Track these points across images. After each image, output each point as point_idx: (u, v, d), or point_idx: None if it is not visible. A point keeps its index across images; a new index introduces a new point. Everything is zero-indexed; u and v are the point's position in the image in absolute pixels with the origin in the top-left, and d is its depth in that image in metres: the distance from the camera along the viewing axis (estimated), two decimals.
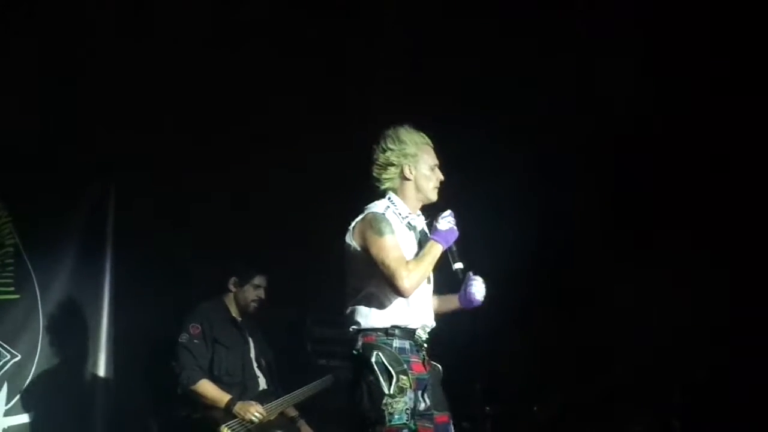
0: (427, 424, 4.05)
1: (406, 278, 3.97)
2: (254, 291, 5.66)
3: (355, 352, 4.10)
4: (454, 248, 4.18)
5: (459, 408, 4.43)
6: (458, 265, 4.19)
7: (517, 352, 6.36)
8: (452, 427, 4.18)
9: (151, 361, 5.78)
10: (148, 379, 5.81)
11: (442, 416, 4.14)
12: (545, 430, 6.22)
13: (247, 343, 5.63)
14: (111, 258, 5.90)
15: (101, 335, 5.83)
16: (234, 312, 5.66)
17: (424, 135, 4.24)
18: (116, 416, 5.76)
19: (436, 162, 4.23)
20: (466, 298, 4.24)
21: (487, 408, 5.97)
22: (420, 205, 4.25)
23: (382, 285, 4.06)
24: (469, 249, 4.28)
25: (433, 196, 4.23)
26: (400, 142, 4.18)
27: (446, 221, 4.16)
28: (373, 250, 4.02)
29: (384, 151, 4.19)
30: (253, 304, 5.67)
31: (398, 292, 4.00)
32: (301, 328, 6.42)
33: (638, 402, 6.18)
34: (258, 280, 5.66)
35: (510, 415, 6.11)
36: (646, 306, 6.12)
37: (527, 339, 6.32)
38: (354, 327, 4.12)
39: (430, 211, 4.28)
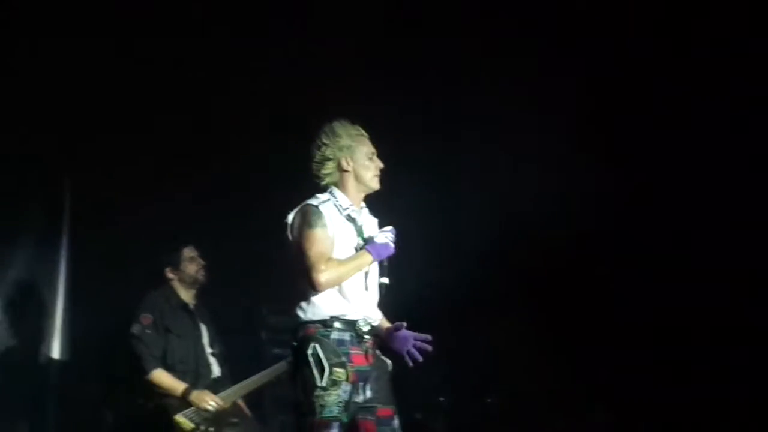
0: (368, 417, 4.10)
1: (322, 273, 3.99)
2: (191, 264, 5.57)
3: (294, 344, 4.14)
4: (385, 263, 4.20)
5: (412, 399, 4.45)
6: (384, 280, 4.20)
7: (472, 343, 6.40)
8: (397, 422, 4.16)
9: (106, 350, 5.76)
10: (103, 368, 5.80)
11: (386, 410, 4.15)
12: (497, 422, 6.28)
13: (199, 330, 5.59)
14: (67, 246, 5.90)
15: (56, 323, 5.82)
16: (185, 297, 5.60)
17: (359, 127, 4.27)
18: (70, 404, 5.75)
19: (374, 150, 4.26)
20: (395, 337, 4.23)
21: (441, 399, 6.02)
22: (362, 195, 4.27)
23: None
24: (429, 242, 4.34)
25: (375, 185, 4.25)
26: (335, 135, 4.22)
27: (384, 236, 4.17)
28: (300, 240, 4.08)
29: (320, 147, 4.23)
30: (200, 274, 5.58)
31: (312, 285, 4.02)
32: (256, 316, 6.43)
33: (595, 396, 6.26)
34: (187, 252, 5.58)
35: (463, 406, 6.17)
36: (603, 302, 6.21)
37: (482, 331, 6.37)
38: (296, 320, 4.15)
39: (376, 205, 4.31)
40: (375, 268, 4.21)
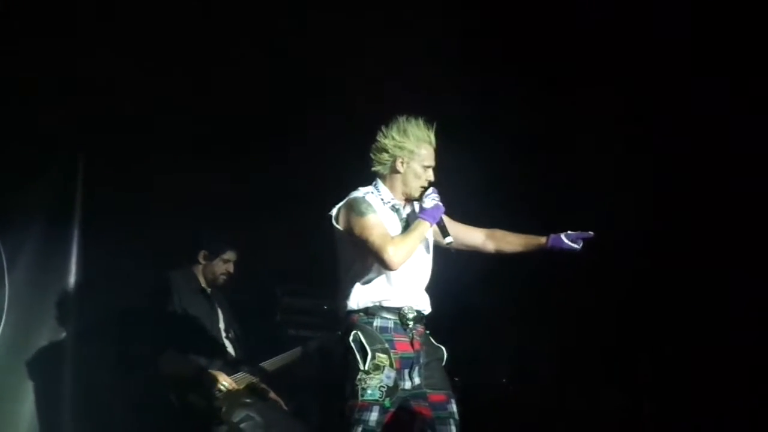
0: (422, 402, 4.16)
1: (392, 251, 4.05)
2: (223, 265, 5.64)
3: (339, 332, 4.22)
4: (443, 223, 4.26)
5: None
6: (449, 239, 4.25)
7: (488, 325, 6.39)
8: (454, 406, 4.22)
9: (118, 332, 5.75)
10: (116, 351, 5.79)
11: (439, 395, 4.20)
12: (513, 403, 6.27)
13: (216, 313, 5.61)
14: (79, 230, 5.89)
15: (68, 308, 5.82)
16: (202, 282, 5.64)
17: (431, 134, 4.28)
18: (83, 388, 5.75)
19: (432, 163, 4.29)
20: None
21: (456, 379, 6.00)
22: (404, 198, 4.31)
23: (365, 266, 4.17)
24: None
25: (417, 194, 4.28)
26: (403, 134, 4.24)
27: (430, 199, 4.23)
28: (357, 231, 4.12)
29: (385, 136, 4.27)
30: (222, 278, 5.65)
31: (385, 266, 4.09)
32: (271, 298, 6.42)
33: (609, 378, 6.24)
34: (228, 254, 5.64)
35: (478, 386, 6.16)
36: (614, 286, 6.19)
37: (498, 314, 6.36)
38: (342, 309, 4.22)
39: None
40: (417, 252, 4.23)
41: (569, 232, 4.36)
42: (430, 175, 4.27)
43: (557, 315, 6.27)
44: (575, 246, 4.34)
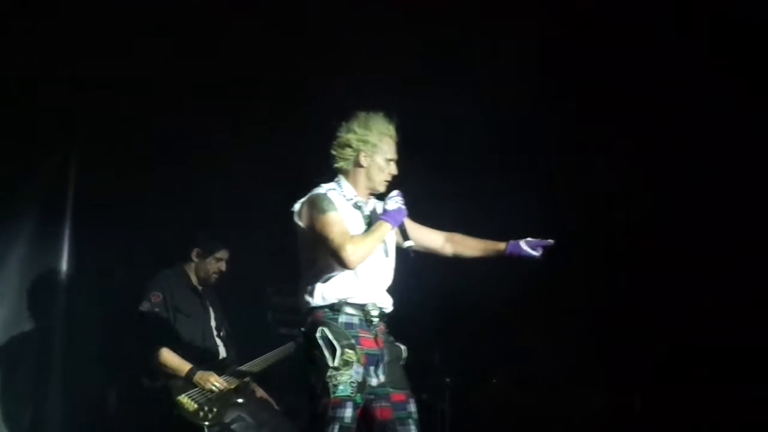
0: (383, 403, 4.15)
1: (350, 250, 4.02)
2: (216, 264, 5.66)
3: (303, 329, 4.19)
4: (404, 227, 4.24)
5: (418, 379, 4.47)
6: (408, 243, 4.23)
7: (479, 325, 6.40)
8: (413, 406, 4.21)
9: (111, 329, 5.77)
10: (108, 348, 5.80)
11: (399, 394, 4.19)
12: (503, 403, 6.28)
13: (208, 312, 5.63)
14: (70, 225, 5.88)
15: (59, 303, 5.81)
16: (195, 281, 5.66)
17: (392, 126, 4.26)
18: (74, 385, 5.75)
19: (394, 156, 4.26)
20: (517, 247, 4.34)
21: (447, 379, 6.03)
22: (368, 192, 4.29)
23: (328, 262, 4.13)
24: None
25: (381, 189, 4.27)
26: (365, 128, 4.21)
27: (394, 201, 4.21)
28: (318, 227, 4.09)
29: (347, 131, 4.24)
30: (214, 276, 5.67)
31: (343, 264, 4.06)
32: (261, 297, 6.42)
33: (599, 377, 6.25)
34: (220, 253, 5.66)
35: (469, 386, 6.17)
36: (607, 282, 6.18)
37: (490, 314, 6.36)
38: (305, 306, 4.18)
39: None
40: (380, 252, 4.23)
41: (529, 239, 4.36)
42: (393, 169, 4.25)
43: (550, 315, 6.25)
44: (534, 253, 4.34)
